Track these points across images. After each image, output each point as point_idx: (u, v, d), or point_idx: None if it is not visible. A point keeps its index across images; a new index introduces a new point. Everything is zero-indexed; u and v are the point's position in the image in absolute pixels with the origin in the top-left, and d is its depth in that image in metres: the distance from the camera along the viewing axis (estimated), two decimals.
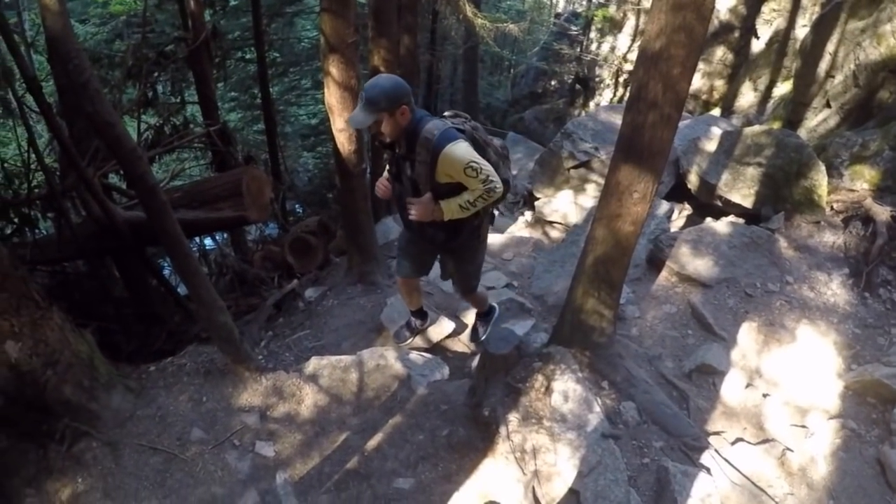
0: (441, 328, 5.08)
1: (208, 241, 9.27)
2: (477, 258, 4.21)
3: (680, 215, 7.38)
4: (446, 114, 3.69)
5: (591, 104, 17.53)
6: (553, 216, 7.94)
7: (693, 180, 7.24)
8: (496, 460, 3.54)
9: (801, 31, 9.98)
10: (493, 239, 7.34)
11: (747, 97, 11.11)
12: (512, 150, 12.15)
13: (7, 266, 3.52)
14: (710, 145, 7.20)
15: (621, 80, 16.66)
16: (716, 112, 11.78)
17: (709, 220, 6.76)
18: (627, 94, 4.70)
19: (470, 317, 5.37)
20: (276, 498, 3.47)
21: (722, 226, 6.01)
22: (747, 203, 6.54)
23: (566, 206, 7.98)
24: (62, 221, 5.98)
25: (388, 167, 3.76)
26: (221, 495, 3.51)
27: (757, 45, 11.68)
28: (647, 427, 3.90)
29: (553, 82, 22.91)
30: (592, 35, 18.89)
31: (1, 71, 6.21)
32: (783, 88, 10.18)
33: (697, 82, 12.63)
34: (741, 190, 6.59)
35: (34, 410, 3.53)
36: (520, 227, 8.37)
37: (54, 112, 5.46)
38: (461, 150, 3.30)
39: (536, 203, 8.43)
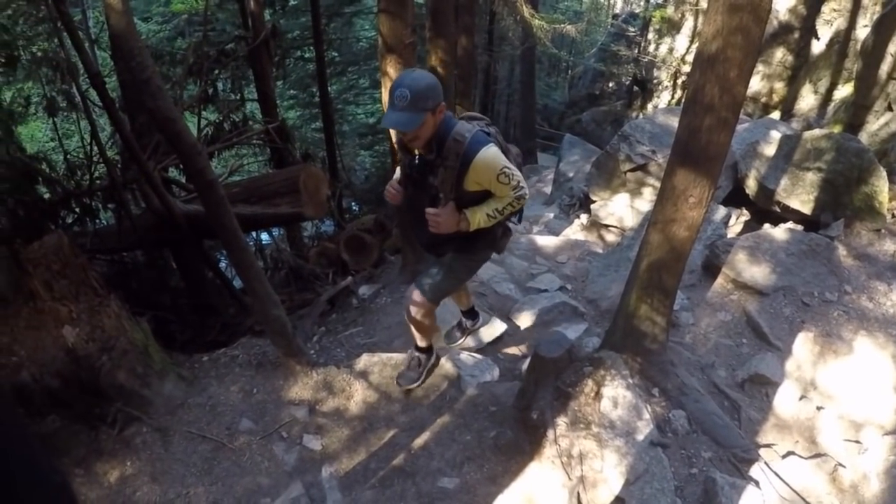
0: (493, 329, 5.07)
1: (265, 237, 9.44)
2: (474, 263, 3.68)
3: (737, 221, 7.23)
4: (462, 116, 3.37)
5: (649, 106, 17.34)
6: (609, 219, 7.86)
7: (751, 185, 7.09)
8: (542, 464, 3.51)
9: (863, 31, 9.68)
10: (548, 241, 7.32)
11: (807, 100, 10.84)
12: (569, 153, 12.26)
13: (68, 254, 3.66)
14: (769, 149, 7.03)
15: (679, 82, 16.43)
16: (775, 115, 11.52)
17: (766, 226, 6.62)
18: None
19: (523, 318, 5.34)
20: (321, 491, 3.50)
21: (780, 232, 5.87)
22: (806, 209, 6.37)
23: (622, 209, 7.90)
24: (122, 213, 6.16)
25: (404, 172, 3.37)
26: (267, 485, 3.56)
27: (817, 47, 11.40)
28: (696, 437, 3.83)
29: (611, 84, 22.77)
30: (650, 36, 18.70)
31: (66, 66, 6.40)
32: (844, 91, 9.90)
33: (757, 85, 12.38)
34: (800, 196, 6.42)
35: (88, 394, 3.65)
36: (575, 230, 8.31)
37: (117, 107, 5.62)
38: (494, 155, 3.04)
39: (592, 206, 8.36)
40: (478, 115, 3.39)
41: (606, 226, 7.87)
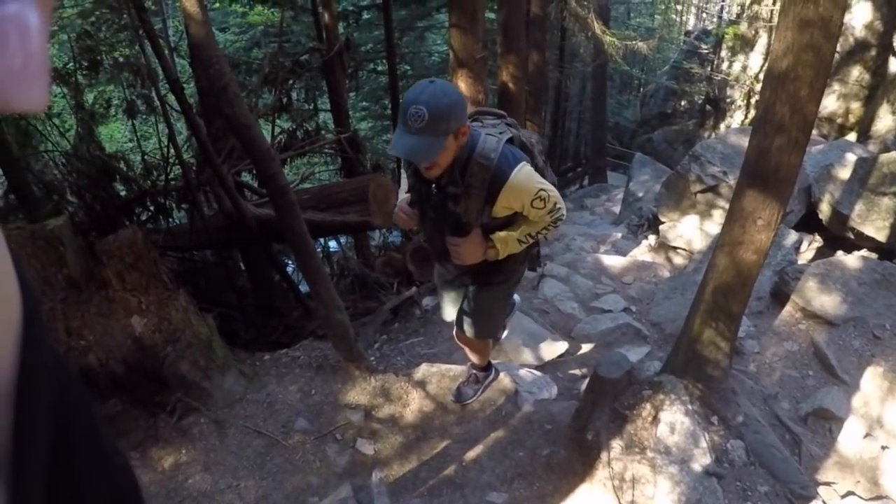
0: (554, 347, 5.04)
1: (332, 244, 9.57)
2: (510, 287, 3.30)
3: (809, 247, 7.03)
4: (474, 112, 2.94)
5: (722, 126, 16.97)
6: (677, 241, 7.75)
7: (825, 210, 6.88)
8: (593, 486, 3.47)
9: None
10: (614, 261, 7.27)
11: (885, 121, 10.39)
12: (639, 172, 12.16)
13: (141, 248, 3.82)
14: (844, 173, 6.81)
15: (753, 101, 16.02)
16: (851, 137, 11.10)
17: (839, 253, 6.41)
18: None
19: (585, 338, 5.29)
20: (369, 495, 3.53)
21: (852, 260, 5.67)
22: (881, 237, 6.14)
23: (691, 231, 7.78)
24: (195, 213, 6.35)
25: (414, 196, 2.87)
26: (316, 485, 3.61)
27: (895, 65, 10.95)
28: (753, 469, 3.72)
29: (683, 102, 22.40)
30: (723, 53, 18.29)
31: (146, 72, 6.66)
32: None
33: (832, 105, 11.98)
34: (875, 222, 6.19)
35: (150, 381, 3.78)
36: (643, 251, 8.23)
37: (194, 112, 5.81)
38: (527, 176, 2.58)
39: (661, 227, 8.25)
40: (492, 111, 2.97)
41: (675, 248, 7.75)
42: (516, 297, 4.08)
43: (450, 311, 3.48)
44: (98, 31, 7.28)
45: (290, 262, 8.41)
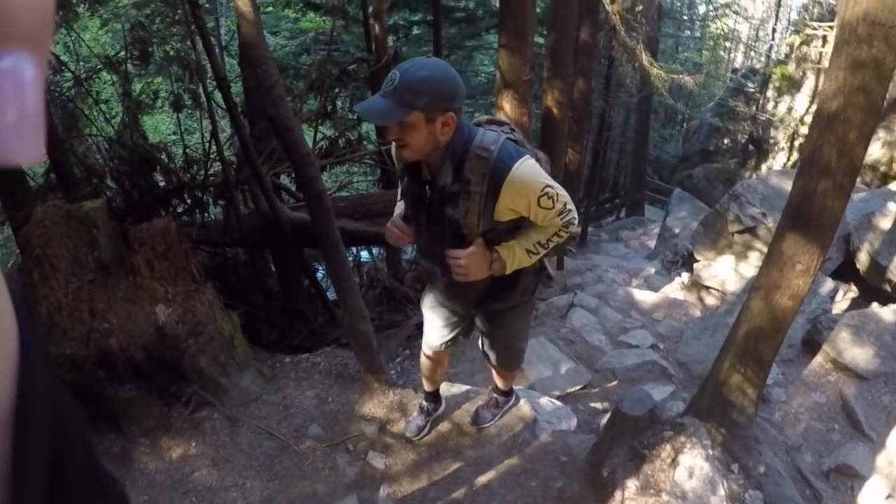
0: (577, 378, 4.99)
1: (364, 254, 9.59)
2: (524, 319, 3.10)
3: (844, 297, 6.88)
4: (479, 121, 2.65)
5: (764, 167, 16.78)
6: (710, 281, 7.64)
7: (863, 260, 6.72)
8: None
9: None
10: (645, 296, 7.19)
11: None
12: (677, 208, 12.06)
13: (173, 239, 3.87)
14: (885, 223, 6.66)
15: (797, 143, 15.81)
16: (894, 186, 10.91)
17: (874, 305, 6.26)
18: None
19: (609, 372, 5.21)
20: None
21: (888, 313, 5.51)
22: None
23: (725, 272, 7.66)
24: (231, 210, 6.40)
25: (408, 202, 2.62)
26: (322, 493, 3.58)
27: None
28: None
29: (726, 140, 22.22)
30: (769, 93, 18.08)
31: (195, 67, 6.76)
32: None
33: (877, 152, 11.75)
34: None
35: (168, 371, 3.80)
36: (675, 288, 8.13)
37: (239, 110, 5.87)
38: (531, 169, 2.30)
39: (695, 265, 8.15)
40: (497, 119, 2.68)
41: (707, 287, 7.64)
42: None
43: (435, 331, 3.20)
44: (152, 24, 7.42)
45: (320, 268, 8.44)
